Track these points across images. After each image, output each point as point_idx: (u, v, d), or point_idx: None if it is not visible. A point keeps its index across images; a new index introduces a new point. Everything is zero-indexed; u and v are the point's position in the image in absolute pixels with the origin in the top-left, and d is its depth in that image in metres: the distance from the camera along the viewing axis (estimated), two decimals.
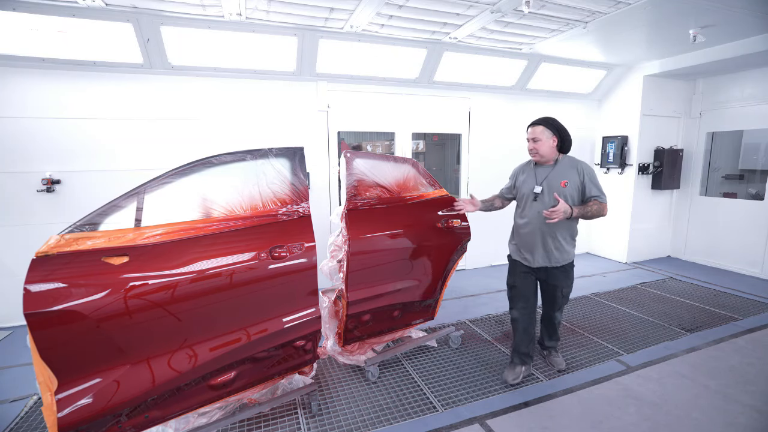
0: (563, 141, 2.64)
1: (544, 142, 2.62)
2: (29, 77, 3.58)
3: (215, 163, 2.17)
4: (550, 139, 2.63)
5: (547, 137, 2.62)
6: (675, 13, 3.63)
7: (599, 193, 2.57)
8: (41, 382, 1.70)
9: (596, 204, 2.54)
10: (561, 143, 2.65)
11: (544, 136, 2.62)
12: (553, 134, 2.63)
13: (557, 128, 2.64)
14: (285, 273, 2.21)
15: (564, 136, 2.64)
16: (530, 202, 2.71)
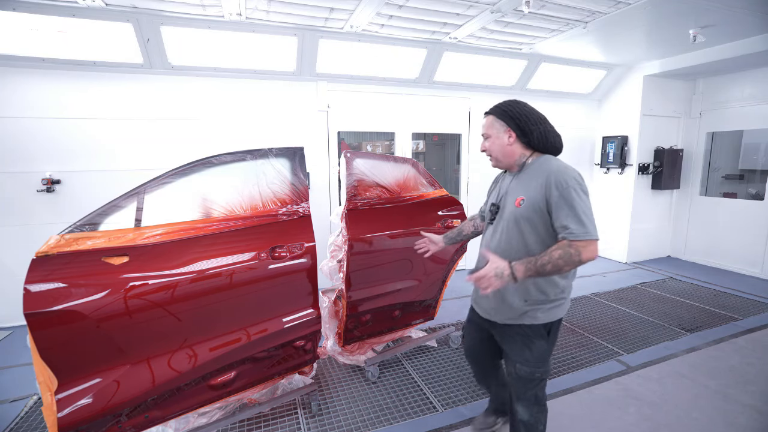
0: (526, 134, 1.70)
1: (495, 138, 1.76)
2: (29, 77, 3.58)
3: (215, 163, 2.17)
4: (504, 133, 1.72)
5: (499, 131, 1.73)
6: (675, 13, 3.63)
7: (575, 225, 1.49)
8: (41, 382, 1.70)
9: (563, 248, 1.47)
10: (524, 137, 1.70)
11: (494, 130, 1.75)
12: (508, 126, 1.71)
13: (513, 116, 1.70)
14: (285, 273, 2.21)
15: (526, 127, 1.69)
16: (487, 226, 1.88)
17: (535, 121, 1.70)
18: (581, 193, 1.56)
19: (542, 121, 1.72)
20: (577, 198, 1.54)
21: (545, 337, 1.71)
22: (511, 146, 1.73)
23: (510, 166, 1.79)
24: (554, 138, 1.74)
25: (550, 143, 1.72)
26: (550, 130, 1.72)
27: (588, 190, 1.60)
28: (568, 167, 1.65)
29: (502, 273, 1.48)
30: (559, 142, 1.75)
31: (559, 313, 1.72)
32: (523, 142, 1.72)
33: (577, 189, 1.56)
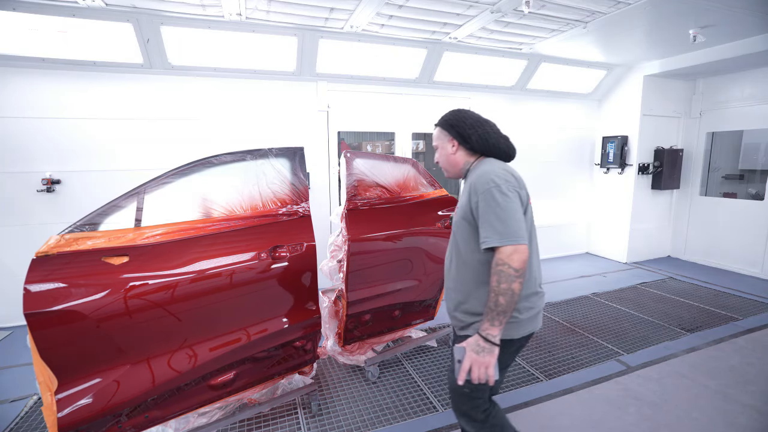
0: (466, 139, 1.64)
1: (441, 149, 1.75)
2: (29, 77, 3.58)
3: (215, 163, 2.17)
4: (448, 143, 1.70)
5: (444, 141, 1.72)
6: (675, 13, 3.63)
7: (491, 233, 1.40)
8: (41, 382, 1.70)
9: (494, 269, 1.38)
10: (465, 142, 1.65)
11: (440, 141, 1.74)
12: (450, 135, 1.69)
13: (453, 124, 1.67)
14: (285, 273, 2.21)
15: (464, 132, 1.64)
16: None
17: (471, 125, 1.64)
18: (499, 195, 1.42)
19: (480, 124, 1.65)
20: (492, 201, 1.42)
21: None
22: (455, 155, 1.69)
23: (458, 174, 1.74)
24: (496, 140, 1.63)
25: (491, 145, 1.63)
26: (490, 132, 1.64)
27: (515, 189, 1.47)
28: (495, 169, 1.52)
29: (480, 348, 1.39)
30: (504, 144, 1.65)
31: (505, 331, 1.48)
32: (467, 149, 1.67)
33: (495, 191, 1.43)
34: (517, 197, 1.46)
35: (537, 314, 1.61)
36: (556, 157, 6.11)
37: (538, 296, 1.61)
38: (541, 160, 6.00)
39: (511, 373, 2.95)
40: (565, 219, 6.38)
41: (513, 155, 1.69)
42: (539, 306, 1.62)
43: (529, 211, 1.56)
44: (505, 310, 1.37)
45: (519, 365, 3.06)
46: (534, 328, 1.60)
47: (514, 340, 1.55)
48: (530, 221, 1.58)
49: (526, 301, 1.56)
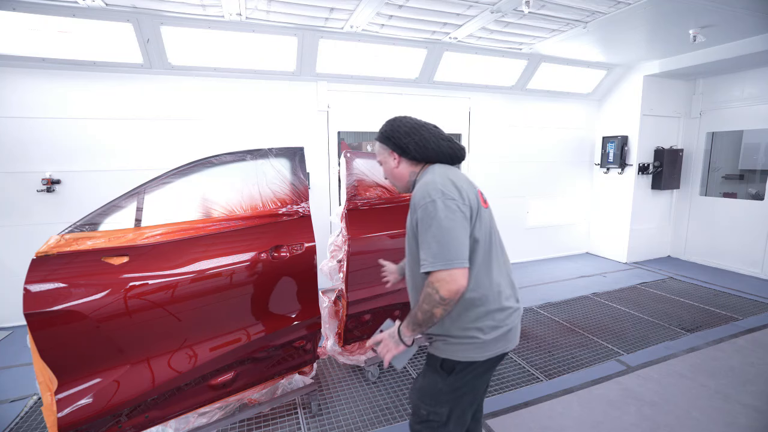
0: (404, 149, 1.50)
1: (385, 164, 1.61)
2: (29, 77, 3.58)
3: (215, 163, 2.17)
4: (389, 156, 1.56)
5: (386, 156, 1.58)
6: (675, 13, 3.63)
7: (425, 253, 1.29)
8: (41, 382, 1.70)
9: (425, 290, 1.30)
10: (405, 153, 1.51)
11: (382, 156, 1.60)
12: (389, 148, 1.55)
13: (389, 136, 1.53)
14: (285, 273, 2.21)
15: (401, 142, 1.50)
16: None
17: (407, 133, 1.49)
18: (438, 210, 1.28)
19: (415, 131, 1.49)
20: (428, 219, 1.29)
21: (440, 373, 1.45)
22: (398, 168, 1.56)
23: (407, 188, 1.59)
24: (436, 144, 1.47)
25: (432, 150, 1.47)
26: (427, 137, 1.48)
27: (454, 200, 1.31)
28: (435, 179, 1.37)
29: (393, 336, 1.40)
30: (446, 147, 1.49)
31: (465, 353, 1.39)
32: (409, 159, 1.53)
33: (431, 207, 1.29)
34: (458, 210, 1.30)
35: (507, 333, 1.42)
36: (556, 157, 6.11)
37: (505, 313, 1.42)
38: (541, 160, 6.00)
39: (511, 373, 2.95)
40: (565, 219, 6.39)
41: (461, 156, 1.53)
42: (510, 323, 1.43)
43: (482, 216, 1.40)
44: (420, 324, 1.34)
45: (519, 365, 3.06)
46: (504, 348, 1.43)
47: (476, 362, 1.41)
48: (486, 227, 1.41)
49: (490, 318, 1.39)
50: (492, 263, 1.42)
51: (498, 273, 1.44)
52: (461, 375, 1.43)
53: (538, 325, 3.79)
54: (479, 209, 1.39)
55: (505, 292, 1.44)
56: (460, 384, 1.44)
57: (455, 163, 1.55)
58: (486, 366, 1.44)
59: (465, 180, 1.44)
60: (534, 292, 4.69)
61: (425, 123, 1.55)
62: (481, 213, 1.39)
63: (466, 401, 1.48)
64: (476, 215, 1.37)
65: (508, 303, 1.44)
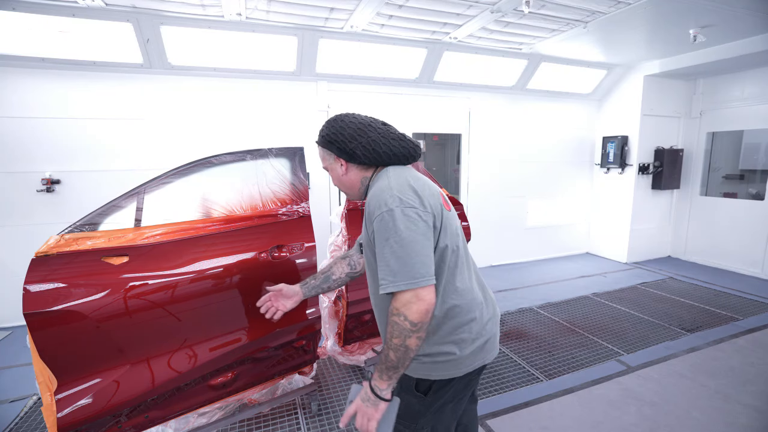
0: (351, 155, 1.33)
1: (332, 171, 1.44)
2: (29, 77, 3.58)
3: (215, 163, 2.17)
4: (335, 162, 1.39)
5: (331, 162, 1.41)
6: (675, 13, 3.63)
7: (385, 272, 1.14)
8: (41, 382, 1.70)
9: (390, 320, 1.14)
10: (352, 159, 1.34)
11: (327, 162, 1.43)
12: (334, 154, 1.38)
13: (332, 140, 1.35)
14: (285, 273, 2.21)
15: (347, 147, 1.32)
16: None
17: (352, 136, 1.31)
18: (396, 220, 1.13)
19: (362, 132, 1.31)
20: (385, 231, 1.14)
21: (413, 393, 1.32)
22: (347, 174, 1.38)
23: (360, 195, 1.43)
24: (387, 145, 1.31)
25: (383, 152, 1.30)
26: (376, 138, 1.31)
27: (413, 206, 1.17)
28: (390, 183, 1.22)
29: (366, 398, 1.18)
30: (398, 147, 1.32)
31: (441, 371, 1.28)
32: (358, 164, 1.36)
33: (388, 217, 1.15)
34: (419, 218, 1.16)
35: (485, 344, 1.31)
36: (556, 157, 6.11)
37: (480, 323, 1.31)
38: (541, 160, 6.00)
39: (511, 373, 2.95)
40: (565, 219, 6.38)
41: (415, 155, 1.37)
42: (487, 334, 1.32)
43: (448, 221, 1.27)
44: (396, 366, 1.14)
45: (519, 365, 3.06)
46: (483, 361, 1.32)
47: (454, 379, 1.29)
48: (453, 232, 1.28)
49: (464, 331, 1.27)
50: (463, 270, 1.30)
51: (469, 279, 1.32)
52: (439, 394, 1.31)
53: (538, 325, 3.79)
54: (443, 214, 1.25)
55: (477, 298, 1.32)
56: (439, 403, 1.32)
57: (409, 163, 1.39)
58: (466, 380, 1.32)
59: (425, 182, 1.29)
60: (534, 292, 4.69)
61: (371, 121, 1.36)
62: (445, 218, 1.26)
63: (448, 417, 1.38)
64: (441, 222, 1.24)
65: (483, 312, 1.33)
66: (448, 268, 1.26)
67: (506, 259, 6.00)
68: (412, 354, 1.14)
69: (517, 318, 3.95)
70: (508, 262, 6.00)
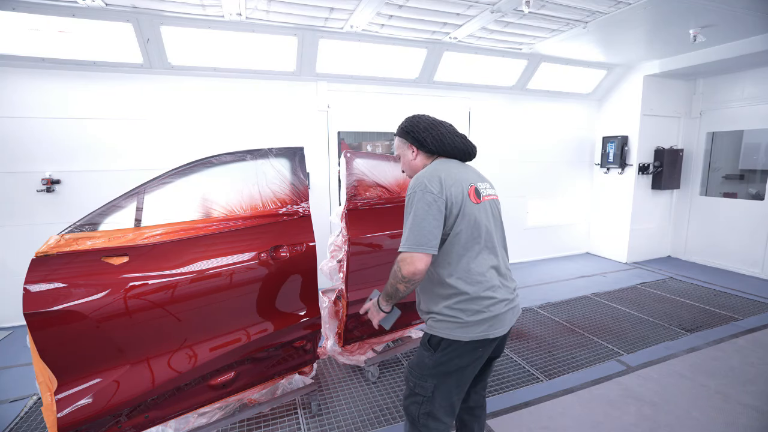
0: (422, 142, 1.69)
1: (402, 156, 1.80)
2: (29, 77, 3.58)
3: (215, 163, 2.17)
4: (408, 149, 1.75)
5: (404, 149, 1.77)
6: (675, 13, 3.63)
7: (402, 238, 1.48)
8: (41, 382, 1.70)
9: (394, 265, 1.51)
10: (422, 146, 1.70)
11: (401, 150, 1.79)
12: (408, 142, 1.74)
13: (408, 130, 1.73)
14: (285, 273, 2.21)
15: (419, 136, 1.69)
16: None
17: (425, 128, 1.68)
18: (416, 201, 1.47)
19: (434, 126, 1.69)
20: (410, 207, 1.49)
21: (427, 349, 1.57)
22: (415, 160, 1.74)
23: None
24: (452, 139, 1.68)
25: (447, 145, 1.67)
26: (444, 133, 1.68)
27: (433, 193, 1.46)
28: (427, 172, 1.55)
29: (375, 306, 1.64)
30: (460, 143, 1.69)
31: (449, 330, 1.50)
32: (426, 152, 1.72)
33: (414, 196, 1.48)
34: (433, 203, 1.45)
35: (491, 318, 1.51)
36: (556, 157, 6.11)
37: (490, 301, 1.51)
38: (541, 160, 6.00)
39: (511, 373, 2.95)
40: (565, 219, 6.39)
41: (472, 153, 1.73)
42: (495, 311, 1.51)
43: (469, 210, 1.51)
44: (390, 296, 1.56)
45: (519, 365, 3.06)
46: (487, 333, 1.50)
47: (459, 341, 1.50)
48: (472, 221, 1.51)
49: (473, 303, 1.50)
50: (478, 254, 1.53)
51: (484, 264, 1.54)
52: (445, 352, 1.53)
53: (538, 325, 3.79)
54: (464, 204, 1.51)
55: (490, 282, 1.53)
56: (443, 360, 1.53)
57: (467, 159, 1.73)
58: (469, 347, 1.52)
59: (457, 176, 1.56)
60: (534, 292, 4.69)
61: (442, 121, 1.74)
62: (467, 207, 1.51)
63: (451, 382, 1.56)
64: (459, 209, 1.49)
65: (495, 293, 1.53)
66: (462, 248, 1.51)
67: None
68: (401, 294, 1.51)
69: (517, 318, 3.94)
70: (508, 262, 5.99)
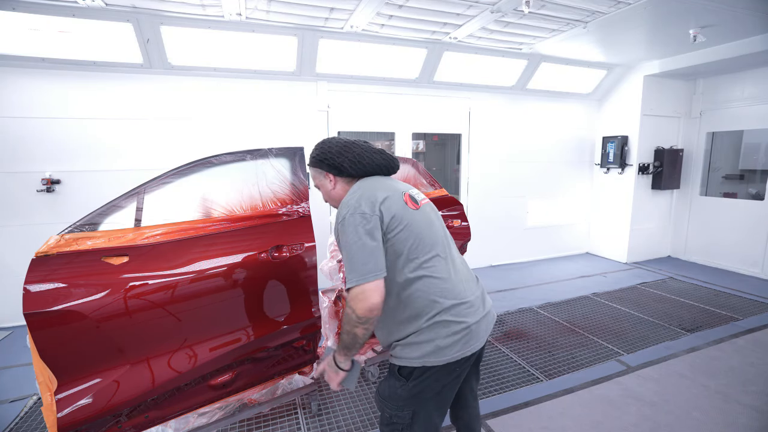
0: (339, 169, 1.51)
1: (322, 187, 1.63)
2: (29, 77, 3.58)
3: (215, 163, 2.17)
4: (325, 178, 1.58)
5: (321, 179, 1.60)
6: (675, 13, 3.63)
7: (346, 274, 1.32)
8: (41, 382, 1.70)
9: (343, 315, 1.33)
10: (340, 173, 1.53)
11: (318, 180, 1.63)
12: (323, 171, 1.57)
13: (321, 158, 1.54)
14: (285, 273, 2.21)
15: (335, 162, 1.51)
16: None
17: (338, 152, 1.50)
18: (347, 226, 1.30)
19: (348, 148, 1.51)
20: (344, 234, 1.31)
21: (398, 379, 1.41)
22: (335, 189, 1.57)
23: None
24: (370, 157, 1.51)
25: (367, 164, 1.50)
26: (360, 152, 1.50)
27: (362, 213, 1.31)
28: (350, 195, 1.40)
29: (332, 365, 1.42)
30: (379, 159, 1.52)
31: (420, 358, 1.34)
32: (345, 178, 1.54)
33: (345, 222, 1.32)
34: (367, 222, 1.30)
35: (464, 336, 1.35)
36: (556, 157, 6.11)
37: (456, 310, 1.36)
38: (541, 160, 6.00)
39: (511, 373, 2.95)
40: (565, 219, 6.39)
41: (395, 167, 1.57)
42: (466, 322, 1.36)
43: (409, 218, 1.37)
44: (348, 347, 1.35)
45: (519, 365, 3.06)
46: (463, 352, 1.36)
47: (434, 367, 1.34)
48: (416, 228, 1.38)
49: (444, 315, 1.34)
50: (432, 263, 1.39)
51: (442, 271, 1.40)
52: (420, 380, 1.38)
53: (538, 325, 3.79)
54: (404, 213, 1.38)
55: (453, 289, 1.39)
56: (420, 389, 1.39)
57: (390, 174, 1.58)
58: (447, 370, 1.37)
59: (388, 187, 1.44)
60: (534, 292, 4.69)
61: (354, 141, 1.56)
62: (407, 215, 1.38)
63: (431, 405, 1.43)
64: (399, 220, 1.35)
65: (462, 302, 1.38)
66: (414, 261, 1.36)
67: (506, 259, 6.00)
68: (361, 340, 1.32)
69: (517, 318, 3.95)
70: (508, 262, 6.00)
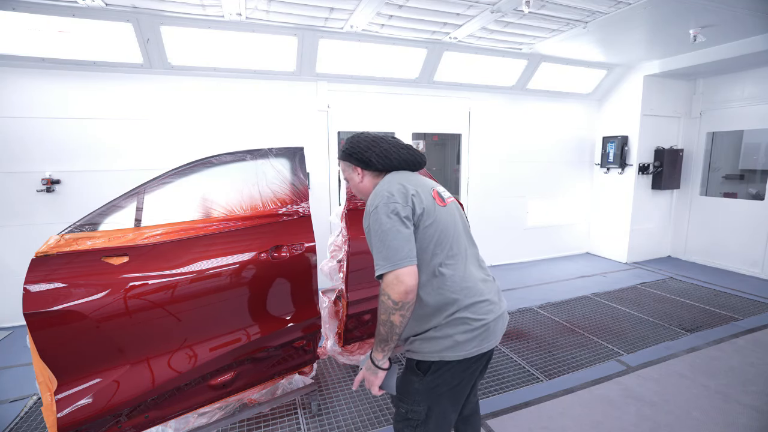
0: (367, 162, 1.54)
1: (350, 180, 1.66)
2: (29, 77, 3.58)
3: (215, 163, 2.17)
4: (353, 172, 1.61)
5: (350, 172, 1.63)
6: (675, 13, 3.63)
7: (378, 260, 1.32)
8: (41, 382, 1.70)
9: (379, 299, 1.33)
10: (368, 166, 1.56)
11: (347, 173, 1.66)
12: (352, 164, 1.60)
13: (350, 152, 1.58)
14: (285, 273, 2.21)
15: (363, 156, 1.54)
16: None
17: (368, 147, 1.54)
18: (381, 215, 1.32)
19: (376, 143, 1.54)
20: (375, 224, 1.33)
21: (416, 373, 1.43)
22: (363, 182, 1.60)
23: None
24: (397, 152, 1.53)
25: (394, 159, 1.53)
26: (388, 147, 1.53)
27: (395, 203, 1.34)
28: (382, 187, 1.42)
29: (368, 367, 1.39)
30: (406, 154, 1.55)
31: (439, 353, 1.36)
32: (372, 171, 1.57)
33: (377, 210, 1.34)
34: (398, 209, 1.33)
35: (483, 331, 1.38)
36: (556, 157, 6.11)
37: (475, 308, 1.39)
38: (541, 160, 6.00)
39: (511, 373, 2.95)
40: (565, 219, 6.39)
41: (421, 162, 1.59)
42: (484, 320, 1.39)
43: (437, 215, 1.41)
44: (385, 339, 1.32)
45: (519, 365, 3.06)
46: (480, 348, 1.38)
47: (452, 362, 1.37)
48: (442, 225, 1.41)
49: (458, 314, 1.36)
50: (456, 260, 1.42)
51: (466, 269, 1.43)
52: (437, 375, 1.40)
53: (538, 325, 3.79)
54: (433, 208, 1.41)
55: (474, 287, 1.41)
56: (436, 384, 1.41)
57: (417, 169, 1.60)
58: (463, 366, 1.40)
59: (417, 182, 1.47)
60: (534, 292, 4.69)
61: (383, 136, 1.60)
62: (436, 211, 1.41)
63: (446, 401, 1.45)
64: (428, 214, 1.39)
65: (480, 300, 1.41)
66: (440, 256, 1.39)
67: (506, 259, 6.00)
68: (398, 329, 1.30)
69: (517, 318, 3.95)
70: (508, 262, 6.00)
